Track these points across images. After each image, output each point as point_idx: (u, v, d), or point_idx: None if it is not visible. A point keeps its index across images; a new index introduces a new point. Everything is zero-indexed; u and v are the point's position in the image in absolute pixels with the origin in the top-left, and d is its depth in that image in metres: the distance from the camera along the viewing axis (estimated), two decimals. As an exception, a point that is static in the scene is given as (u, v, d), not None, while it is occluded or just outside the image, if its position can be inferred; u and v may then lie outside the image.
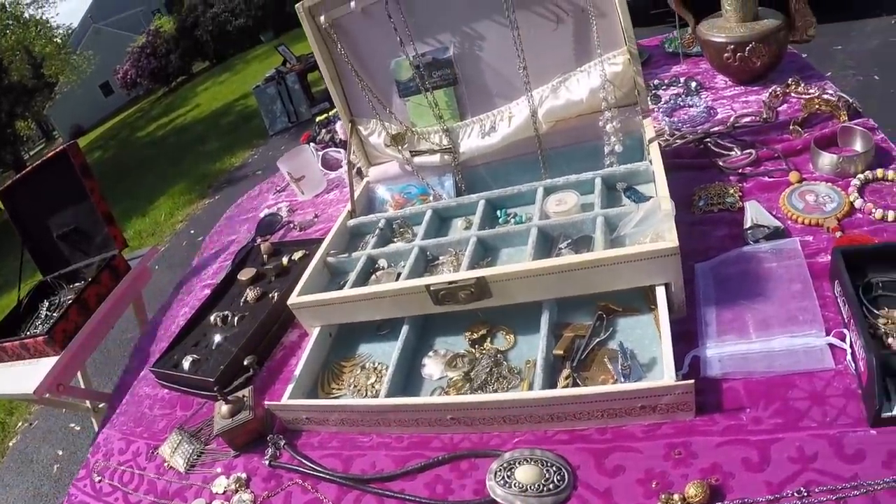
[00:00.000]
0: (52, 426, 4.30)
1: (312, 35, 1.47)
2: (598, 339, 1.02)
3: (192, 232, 6.96)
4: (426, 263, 1.28)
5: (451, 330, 1.17)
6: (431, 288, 1.06)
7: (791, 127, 1.40)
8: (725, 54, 1.60)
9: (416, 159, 1.50)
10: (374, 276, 1.29)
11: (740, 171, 1.34)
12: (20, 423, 4.75)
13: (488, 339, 1.12)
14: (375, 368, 1.17)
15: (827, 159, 1.24)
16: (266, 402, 1.15)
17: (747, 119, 1.50)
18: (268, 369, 1.37)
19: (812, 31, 1.58)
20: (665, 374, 0.86)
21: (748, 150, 1.38)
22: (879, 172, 1.20)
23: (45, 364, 2.16)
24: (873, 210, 1.10)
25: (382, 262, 1.32)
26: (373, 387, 1.12)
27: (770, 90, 1.56)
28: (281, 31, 20.86)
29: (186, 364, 1.43)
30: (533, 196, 1.29)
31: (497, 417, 0.95)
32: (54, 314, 2.40)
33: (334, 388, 1.18)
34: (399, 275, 1.23)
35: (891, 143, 1.28)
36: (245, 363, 1.19)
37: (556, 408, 0.90)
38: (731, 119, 1.50)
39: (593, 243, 1.10)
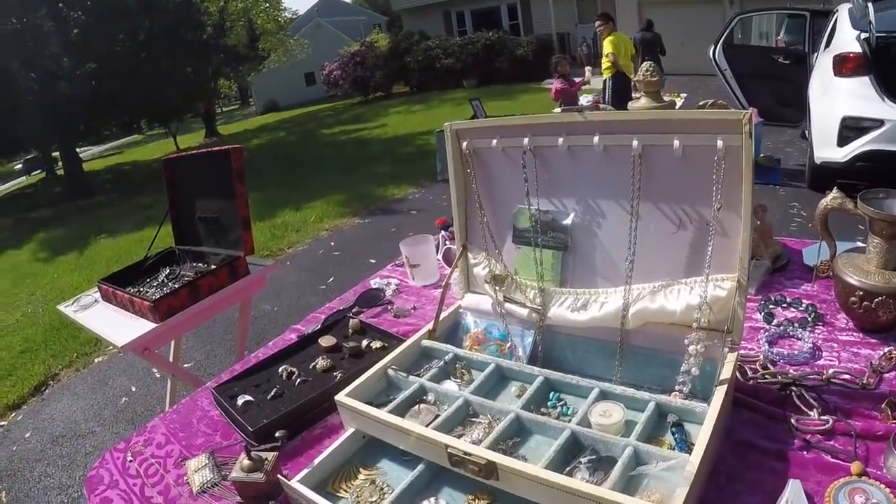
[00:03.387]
0: (138, 362, 4.59)
1: (453, 154, 1.59)
2: (579, 564, 1.02)
3: (332, 244, 7.27)
4: (466, 416, 1.33)
5: (461, 486, 1.21)
6: (448, 449, 1.12)
7: (883, 406, 1.28)
8: (852, 298, 1.51)
9: (508, 306, 1.56)
10: (416, 407, 1.35)
11: (808, 436, 1.25)
12: (112, 346, 5.13)
13: (485, 513, 1.15)
14: (382, 489, 1.23)
15: (897, 463, 1.09)
16: (279, 476, 1.26)
17: (846, 377, 1.39)
18: (303, 439, 1.48)
19: (953, 298, 1.44)
20: None
21: (825, 417, 1.28)
22: (950, 498, 1.04)
23: (142, 326, 2.37)
24: (918, 545, 0.96)
25: (431, 397, 1.39)
26: (370, 506, 1.19)
27: (885, 351, 1.45)
28: (484, 84, 21.49)
29: (240, 401, 1.57)
30: (587, 392, 1.31)
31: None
32: (169, 284, 2.63)
33: (342, 489, 1.26)
34: (437, 416, 1.30)
35: None
36: (276, 435, 1.31)
37: None
38: (828, 373, 1.41)
39: (612, 470, 1.11)
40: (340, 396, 1.33)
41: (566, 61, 9.01)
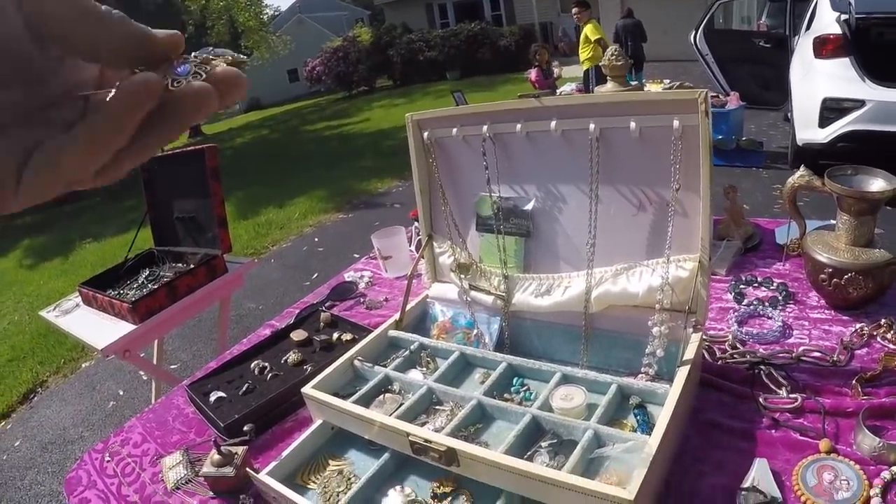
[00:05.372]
0: (125, 366, 4.57)
1: (415, 145, 1.60)
2: (539, 543, 1.02)
3: (316, 240, 7.27)
4: (430, 404, 1.33)
5: (427, 473, 1.22)
6: (409, 437, 1.13)
7: (853, 382, 1.27)
8: (821, 276, 1.50)
9: (473, 293, 1.56)
10: (381, 397, 1.36)
11: (776, 415, 1.24)
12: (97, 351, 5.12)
13: (450, 498, 1.16)
14: (349, 479, 1.24)
15: (866, 439, 1.09)
16: (247, 469, 1.26)
17: (816, 354, 1.39)
18: (274, 433, 1.49)
19: (925, 276, 1.43)
20: None
21: (794, 395, 1.26)
22: (918, 472, 1.03)
23: (123, 328, 2.37)
24: (886, 516, 0.95)
25: (396, 386, 1.40)
26: (336, 496, 1.19)
27: (856, 328, 1.45)
28: (467, 75, 21.47)
29: (213, 398, 1.58)
30: (551, 377, 1.31)
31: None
32: (149, 285, 2.63)
33: (311, 480, 1.26)
34: (401, 405, 1.30)
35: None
36: (244, 429, 1.31)
37: None
38: (798, 351, 1.40)
39: (572, 453, 1.10)
40: (307, 389, 1.34)
41: (545, 50, 9.00)
